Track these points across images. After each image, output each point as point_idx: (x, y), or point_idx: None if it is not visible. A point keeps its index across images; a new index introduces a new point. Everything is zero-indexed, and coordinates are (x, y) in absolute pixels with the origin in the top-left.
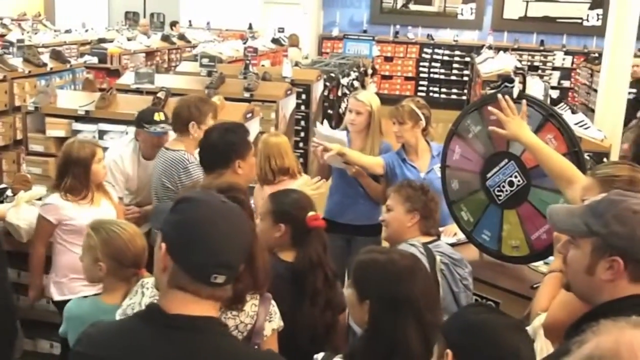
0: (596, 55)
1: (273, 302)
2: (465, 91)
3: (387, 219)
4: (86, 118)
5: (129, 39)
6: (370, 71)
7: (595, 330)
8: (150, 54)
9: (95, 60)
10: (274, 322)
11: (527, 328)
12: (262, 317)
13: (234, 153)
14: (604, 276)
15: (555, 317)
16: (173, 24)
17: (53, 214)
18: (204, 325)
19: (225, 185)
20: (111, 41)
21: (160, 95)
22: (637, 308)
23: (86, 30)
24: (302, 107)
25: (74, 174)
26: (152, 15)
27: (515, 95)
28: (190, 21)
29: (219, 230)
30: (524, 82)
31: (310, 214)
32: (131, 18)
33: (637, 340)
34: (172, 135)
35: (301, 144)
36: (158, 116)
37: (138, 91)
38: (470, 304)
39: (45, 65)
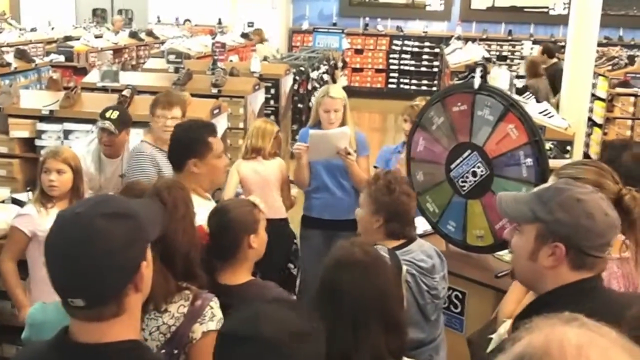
0: (563, 44)
1: (214, 304)
2: (436, 82)
3: (357, 216)
4: (50, 118)
5: (96, 37)
6: (340, 64)
7: (528, 327)
8: (118, 51)
9: (61, 58)
10: (206, 325)
11: (493, 335)
12: (190, 318)
13: (190, 151)
14: (546, 262)
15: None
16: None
17: (27, 224)
18: (109, 354)
19: (132, 188)
20: (78, 39)
21: (126, 93)
22: (578, 295)
23: (52, 28)
24: (272, 102)
25: (42, 181)
26: (119, 11)
27: (476, 86)
28: (158, 17)
29: (60, 253)
30: (484, 74)
31: None
32: (99, 15)
33: (566, 337)
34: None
35: None
36: (110, 113)
37: (104, 89)
38: None
39: (9, 65)
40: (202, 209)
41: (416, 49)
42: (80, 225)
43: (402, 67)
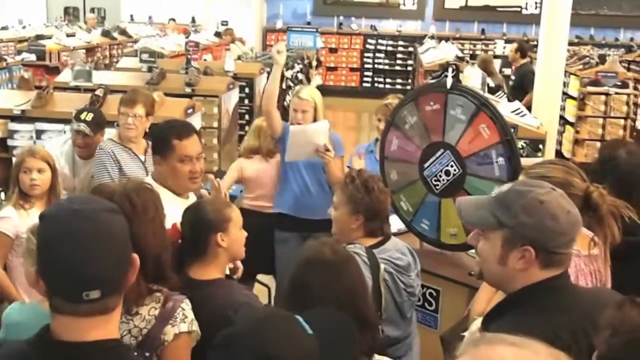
0: (535, 43)
1: (185, 305)
2: (410, 81)
3: (333, 217)
4: (22, 118)
5: (68, 35)
6: (314, 63)
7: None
8: (90, 50)
9: (33, 57)
10: (178, 327)
11: (465, 333)
12: (161, 320)
13: (154, 148)
14: (517, 266)
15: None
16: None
17: (9, 227)
18: (92, 353)
19: (113, 188)
20: (50, 38)
21: (99, 92)
22: (548, 292)
23: (23, 27)
24: (246, 101)
25: (22, 181)
26: (92, 10)
27: (448, 86)
28: (131, 15)
29: (75, 245)
30: (457, 73)
31: None
32: (71, 13)
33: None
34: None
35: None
36: (84, 115)
37: (77, 89)
38: None
39: None
40: (175, 207)
41: (390, 48)
42: (88, 219)
43: (376, 66)
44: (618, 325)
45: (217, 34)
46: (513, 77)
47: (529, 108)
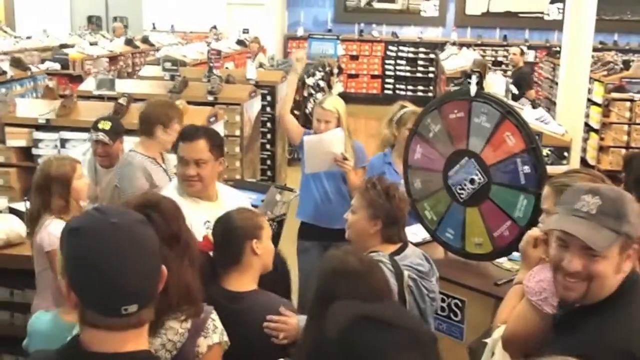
0: (558, 49)
1: (214, 316)
2: (431, 88)
3: (350, 221)
4: (47, 126)
5: (91, 44)
6: (336, 70)
7: None
8: (113, 59)
9: (57, 66)
10: (211, 338)
11: (487, 340)
12: (194, 333)
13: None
14: (626, 267)
15: (512, 330)
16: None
17: None
18: None
19: (141, 201)
20: (73, 46)
21: (122, 101)
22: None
23: (47, 36)
24: (268, 109)
25: (58, 193)
26: (114, 19)
27: (472, 93)
28: (154, 24)
29: (115, 260)
30: (481, 80)
31: None
32: (94, 22)
33: None
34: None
35: (268, 146)
36: (102, 124)
37: (100, 97)
38: None
39: (4, 73)
40: (193, 210)
41: (411, 55)
42: (125, 232)
43: (397, 72)
44: None
45: (240, 42)
46: (511, 80)
47: (533, 102)
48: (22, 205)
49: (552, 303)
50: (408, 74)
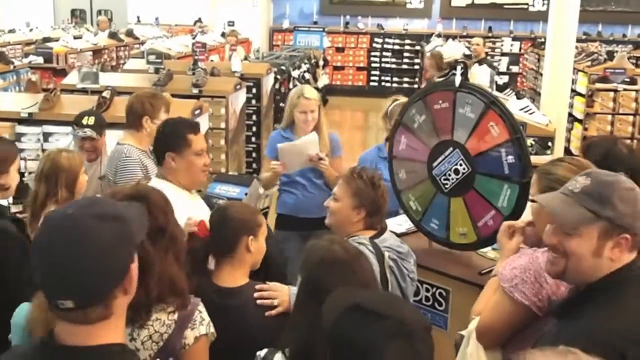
0: (542, 40)
1: (201, 307)
2: (417, 79)
3: (332, 208)
4: (30, 120)
5: (75, 38)
6: (321, 62)
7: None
8: (97, 52)
9: (40, 60)
10: (197, 330)
11: (463, 332)
12: (181, 324)
13: (166, 146)
14: (612, 255)
15: (486, 321)
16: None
17: None
18: (94, 358)
19: (129, 192)
20: (57, 40)
21: (106, 94)
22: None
23: (31, 30)
24: (253, 102)
25: (66, 184)
26: (99, 12)
27: (457, 84)
28: (138, 17)
29: (54, 252)
30: (465, 71)
31: None
32: (78, 16)
33: None
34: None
35: (253, 139)
36: (86, 120)
37: (84, 91)
38: None
39: None
40: (191, 203)
41: (397, 47)
42: (73, 226)
43: (383, 64)
44: None
45: (224, 35)
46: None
47: (517, 93)
48: (4, 201)
49: (522, 290)
50: (394, 66)
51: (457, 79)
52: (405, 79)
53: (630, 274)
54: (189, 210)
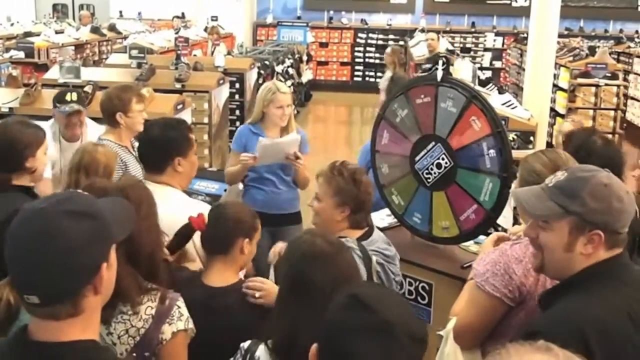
0: (525, 35)
1: (180, 303)
2: None
3: (315, 208)
4: (10, 115)
5: (57, 32)
6: (305, 57)
7: (498, 353)
8: (79, 47)
9: (21, 55)
10: (175, 325)
11: (441, 332)
12: (158, 319)
13: (174, 150)
14: (585, 250)
15: (463, 319)
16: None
17: None
18: (66, 353)
19: (117, 185)
20: (38, 35)
21: (87, 89)
22: (619, 268)
23: (12, 24)
24: (236, 96)
25: (104, 176)
26: (81, 7)
27: (438, 78)
28: (121, 12)
29: (19, 246)
30: (447, 66)
31: None
32: (60, 10)
33: None
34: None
35: None
36: (69, 96)
37: (65, 86)
38: None
39: None
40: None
41: (381, 42)
42: (42, 221)
43: (367, 59)
44: None
45: (207, 30)
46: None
47: (500, 88)
48: None
49: (493, 282)
50: (377, 61)
51: (439, 73)
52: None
53: (602, 270)
54: (201, 208)
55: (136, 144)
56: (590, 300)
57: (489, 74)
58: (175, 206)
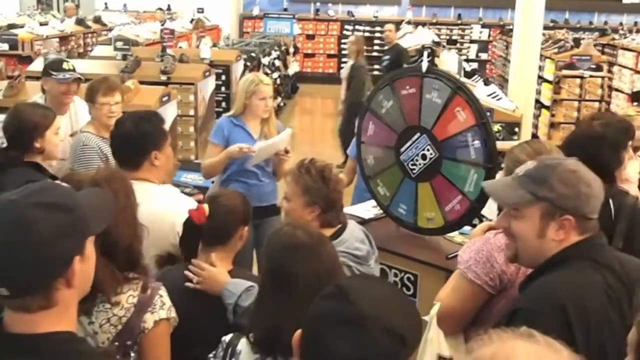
0: (511, 27)
1: (162, 292)
2: None
3: (285, 208)
4: None
5: (41, 24)
6: (292, 50)
7: (481, 339)
8: (64, 39)
9: (5, 47)
10: (157, 314)
11: (425, 317)
12: (140, 308)
13: (150, 144)
14: (556, 236)
15: (445, 305)
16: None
17: None
18: (42, 344)
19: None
20: (22, 27)
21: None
22: (593, 249)
23: None
24: (223, 88)
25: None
26: None
27: (423, 69)
28: (106, 3)
29: None
30: (432, 57)
31: None
32: (44, 2)
33: (514, 352)
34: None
35: None
36: (67, 65)
37: None
38: None
39: None
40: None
41: (367, 34)
42: (12, 213)
43: None
44: None
45: (192, 23)
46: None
47: (485, 80)
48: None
49: (475, 270)
50: (365, 54)
51: (424, 65)
52: (376, 66)
53: (578, 251)
54: (188, 202)
55: None
56: (570, 276)
57: (475, 65)
58: (160, 202)
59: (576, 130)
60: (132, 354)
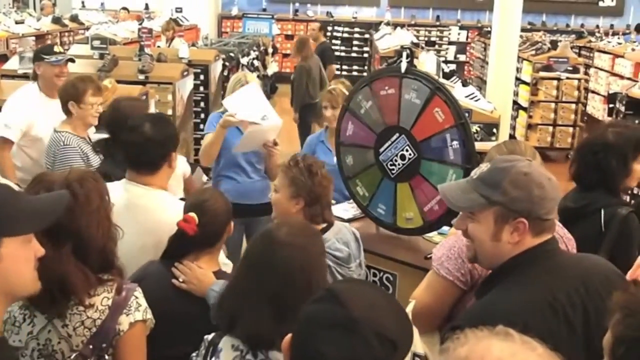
0: (489, 29)
1: (138, 293)
2: (366, 67)
3: (273, 199)
4: None
5: (17, 22)
6: (271, 50)
7: (456, 338)
8: (40, 38)
9: None
10: (133, 315)
11: None
12: (115, 310)
13: (172, 146)
14: (511, 239)
15: (420, 302)
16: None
17: None
18: None
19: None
20: None
21: None
22: (543, 256)
23: None
24: (201, 88)
25: None
26: None
27: (402, 70)
28: (83, 2)
29: None
30: (411, 58)
31: None
32: (20, 0)
33: (489, 351)
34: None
35: (201, 126)
36: (58, 48)
37: (25, 76)
38: None
39: None
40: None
41: (346, 35)
42: None
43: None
44: (632, 306)
45: (173, 21)
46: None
47: (464, 81)
48: None
49: (447, 266)
50: (343, 54)
51: (403, 65)
52: (355, 67)
53: (526, 260)
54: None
55: (95, 137)
56: (508, 293)
57: (453, 67)
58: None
59: (590, 135)
60: (107, 357)
